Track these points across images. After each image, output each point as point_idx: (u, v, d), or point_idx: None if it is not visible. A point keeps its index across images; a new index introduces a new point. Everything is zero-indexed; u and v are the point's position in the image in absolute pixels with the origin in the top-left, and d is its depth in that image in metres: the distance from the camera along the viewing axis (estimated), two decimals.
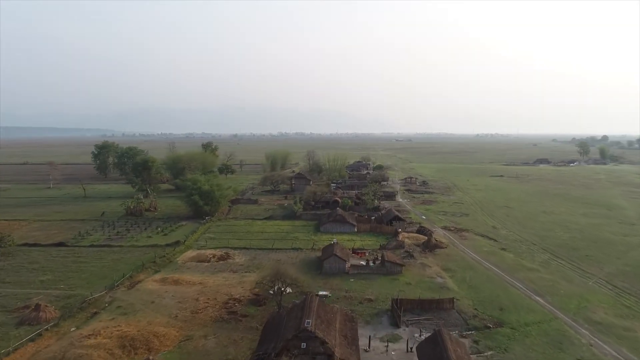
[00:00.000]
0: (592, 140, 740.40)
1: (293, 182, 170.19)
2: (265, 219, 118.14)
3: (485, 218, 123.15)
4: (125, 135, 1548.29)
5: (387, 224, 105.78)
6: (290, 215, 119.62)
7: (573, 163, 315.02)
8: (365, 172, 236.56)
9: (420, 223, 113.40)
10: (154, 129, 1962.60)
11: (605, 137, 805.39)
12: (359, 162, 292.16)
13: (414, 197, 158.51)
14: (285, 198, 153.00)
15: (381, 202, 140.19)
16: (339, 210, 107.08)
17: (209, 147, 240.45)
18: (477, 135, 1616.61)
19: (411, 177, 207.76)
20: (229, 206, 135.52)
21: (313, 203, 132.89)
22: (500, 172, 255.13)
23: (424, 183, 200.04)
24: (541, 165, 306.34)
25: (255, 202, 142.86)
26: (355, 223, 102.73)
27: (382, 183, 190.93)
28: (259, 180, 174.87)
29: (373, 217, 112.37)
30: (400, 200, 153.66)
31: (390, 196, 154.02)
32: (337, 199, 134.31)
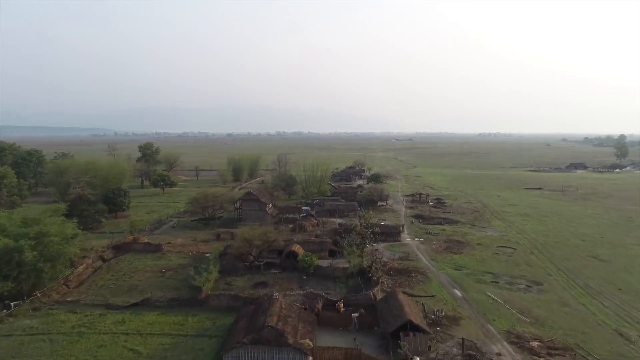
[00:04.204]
0: (609, 139, 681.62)
1: (239, 207, 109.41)
2: (135, 305, 57.38)
3: (580, 295, 62.42)
4: (117, 135, 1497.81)
5: (388, 337, 45.58)
6: (189, 298, 58.87)
7: (623, 168, 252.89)
8: (357, 184, 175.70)
9: (456, 318, 53.22)
10: (155, 129, 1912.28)
11: (622, 137, 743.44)
12: (350, 167, 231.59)
13: (429, 235, 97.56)
14: (218, 237, 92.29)
15: (376, 250, 79.88)
16: (276, 309, 46.16)
17: (147, 149, 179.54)
18: (480, 134, 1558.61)
19: (420, 194, 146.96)
20: (102, 261, 75.21)
21: (252, 257, 72.31)
22: (535, 182, 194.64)
23: (439, 202, 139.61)
24: (578, 172, 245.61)
25: (157, 248, 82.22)
26: (307, 348, 41.87)
27: (380, 204, 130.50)
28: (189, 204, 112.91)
29: (356, 315, 51.34)
30: (409, 240, 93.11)
31: (392, 234, 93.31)
32: (295, 249, 73.67)
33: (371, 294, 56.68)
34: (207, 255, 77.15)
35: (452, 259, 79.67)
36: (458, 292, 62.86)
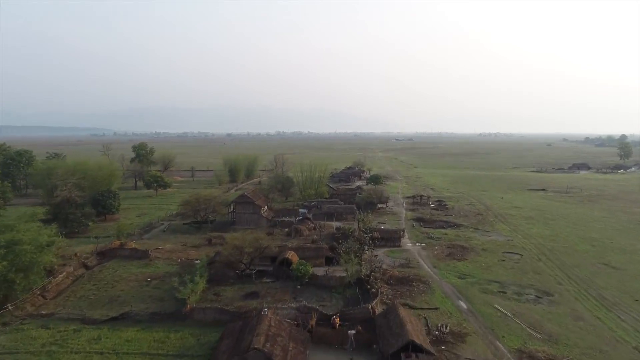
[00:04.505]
0: (610, 139, 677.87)
1: (233, 210, 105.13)
2: (113, 319, 53.10)
3: (594, 307, 58.10)
4: (117, 135, 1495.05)
5: (388, 359, 41.17)
6: (173, 311, 54.56)
7: (628, 169, 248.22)
8: (356, 186, 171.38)
9: (462, 334, 48.89)
10: (154, 129, 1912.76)
11: (624, 136, 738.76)
12: (349, 168, 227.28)
13: (431, 239, 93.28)
14: (209, 242, 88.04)
15: (375, 256, 75.54)
16: (264, 327, 41.82)
17: (142, 149, 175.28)
18: (480, 134, 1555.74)
19: (421, 195, 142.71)
20: (85, 269, 70.90)
21: (243, 265, 68.00)
22: (538, 184, 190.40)
23: (441, 204, 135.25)
24: (582, 173, 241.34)
25: (144, 255, 77.91)
26: None
27: (380, 206, 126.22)
28: (180, 206, 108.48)
29: (353, 332, 46.77)
30: (409, 245, 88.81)
31: (392, 239, 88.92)
32: (289, 256, 69.34)
33: (370, 307, 52.35)
34: (196, 262, 72.87)
35: (455, 266, 75.37)
36: (463, 304, 58.55)
